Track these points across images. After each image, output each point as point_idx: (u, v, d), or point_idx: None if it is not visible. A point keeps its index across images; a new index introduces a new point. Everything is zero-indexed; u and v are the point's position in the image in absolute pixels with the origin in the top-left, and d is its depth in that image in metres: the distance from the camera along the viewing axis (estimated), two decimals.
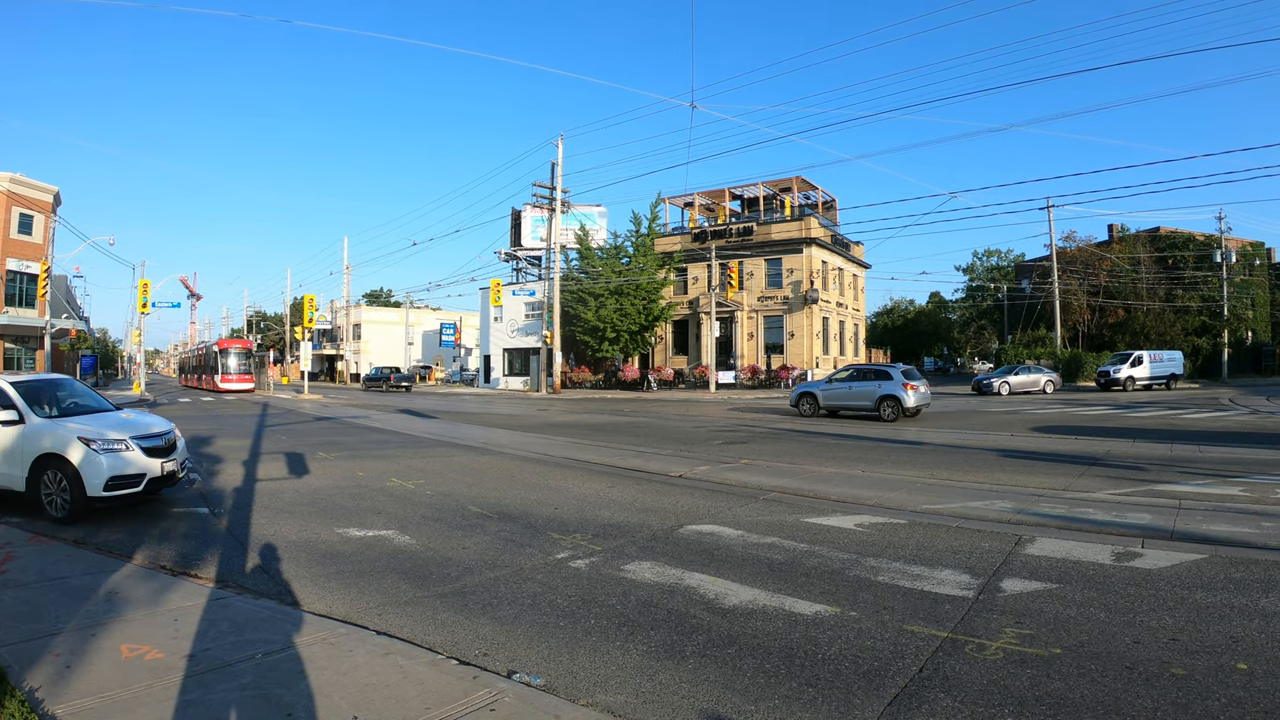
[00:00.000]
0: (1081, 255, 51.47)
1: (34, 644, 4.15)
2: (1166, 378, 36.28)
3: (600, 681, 3.89)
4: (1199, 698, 3.52)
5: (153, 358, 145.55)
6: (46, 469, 7.69)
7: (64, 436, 7.65)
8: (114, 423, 8.36)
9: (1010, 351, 47.26)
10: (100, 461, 7.53)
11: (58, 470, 7.62)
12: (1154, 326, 48.83)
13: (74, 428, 7.82)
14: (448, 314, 75.87)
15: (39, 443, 7.72)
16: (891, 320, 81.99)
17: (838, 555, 6.24)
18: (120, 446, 7.75)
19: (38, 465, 7.72)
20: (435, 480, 10.48)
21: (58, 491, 7.65)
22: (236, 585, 5.58)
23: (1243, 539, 6.52)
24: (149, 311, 38.15)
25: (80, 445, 7.54)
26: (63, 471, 7.57)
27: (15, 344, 38.08)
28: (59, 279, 45.20)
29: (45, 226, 39.04)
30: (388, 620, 4.83)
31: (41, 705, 3.37)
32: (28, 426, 7.89)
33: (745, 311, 44.40)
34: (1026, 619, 4.63)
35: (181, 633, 4.33)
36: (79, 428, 7.82)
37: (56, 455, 7.60)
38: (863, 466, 11.55)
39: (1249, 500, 8.32)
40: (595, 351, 42.99)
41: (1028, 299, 54.46)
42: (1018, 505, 8.23)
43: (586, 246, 44.33)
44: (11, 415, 7.92)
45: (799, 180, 49.35)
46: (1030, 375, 34.90)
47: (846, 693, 3.69)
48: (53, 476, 7.66)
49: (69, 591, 5.18)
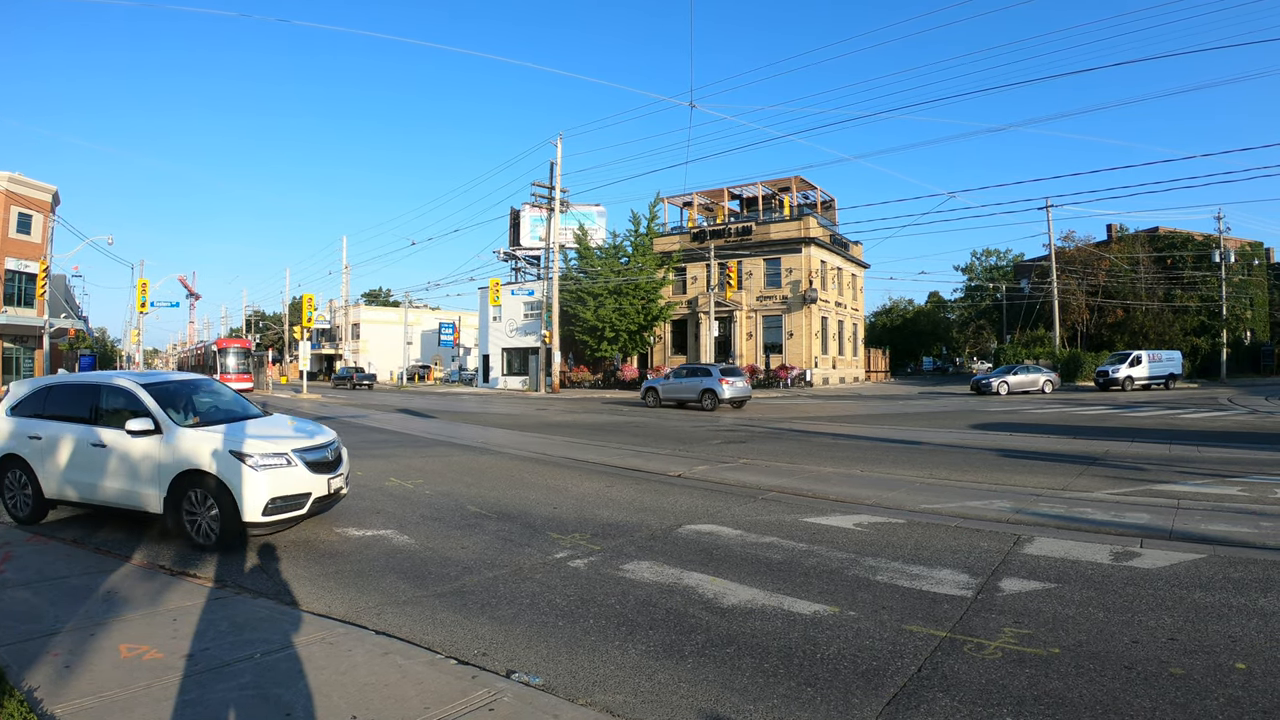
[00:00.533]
0: (1080, 255, 51.50)
1: (33, 644, 4.15)
2: (1165, 378, 36.33)
3: (599, 681, 3.89)
4: (1197, 697, 3.53)
5: (151, 357, 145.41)
6: (190, 488, 6.52)
7: (212, 449, 6.47)
8: (270, 432, 7.13)
9: (1009, 351, 47.29)
10: (259, 480, 6.32)
11: (204, 490, 6.46)
12: (1153, 326, 48.88)
13: (224, 438, 6.64)
14: (447, 314, 75.86)
15: (181, 457, 6.53)
16: (890, 320, 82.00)
17: (836, 555, 6.25)
18: (280, 461, 6.53)
19: (178, 483, 6.55)
20: (434, 480, 10.47)
21: (204, 515, 6.48)
22: (235, 585, 5.58)
23: (1241, 539, 6.52)
24: (148, 311, 38.16)
25: (233, 460, 6.37)
26: (210, 491, 6.41)
27: (14, 344, 38.03)
28: (58, 278, 45.14)
29: (44, 226, 38.99)
30: (386, 620, 4.83)
31: (41, 705, 3.37)
32: (166, 437, 6.66)
33: (744, 311, 44.40)
34: (1025, 619, 4.64)
35: (180, 632, 4.33)
36: (230, 439, 6.63)
37: (203, 472, 6.43)
38: (861, 466, 11.55)
39: (1247, 500, 8.33)
40: (594, 351, 42.98)
41: (1026, 299, 54.52)
42: (1016, 505, 8.24)
43: (585, 246, 44.31)
44: (145, 424, 6.67)
45: (798, 180, 49.38)
46: (1029, 375, 34.94)
47: (845, 692, 3.70)
48: (198, 497, 6.50)
49: (68, 591, 5.18)
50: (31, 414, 7.57)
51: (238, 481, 6.29)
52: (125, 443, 6.78)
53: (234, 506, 6.30)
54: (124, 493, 6.82)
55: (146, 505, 6.73)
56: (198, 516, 6.55)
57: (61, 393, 7.64)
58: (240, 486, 6.28)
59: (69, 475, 7.14)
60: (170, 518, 6.64)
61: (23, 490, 7.54)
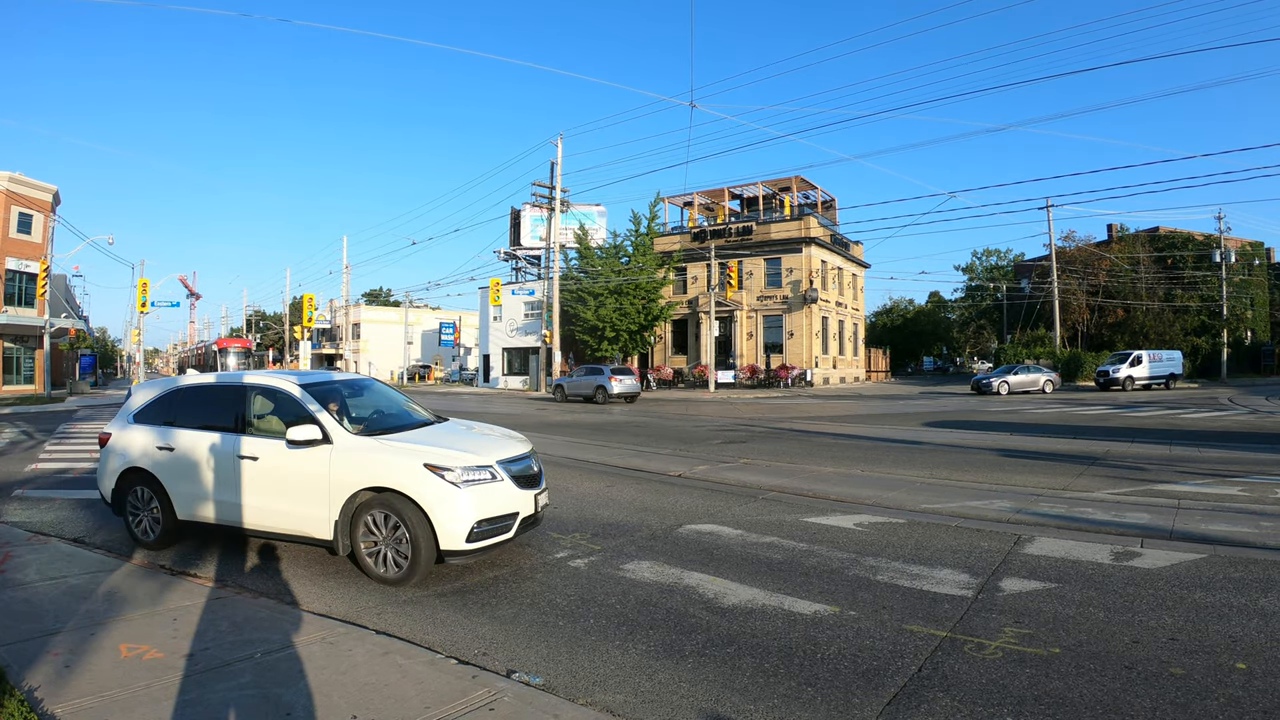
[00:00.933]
0: (1081, 255, 51.48)
1: (33, 643, 4.15)
2: (1165, 377, 36.32)
3: (599, 681, 3.89)
4: (1198, 697, 3.52)
5: (152, 357, 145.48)
6: (370, 510, 5.51)
7: (399, 462, 5.47)
8: (460, 441, 6.04)
9: (1009, 351, 47.26)
10: (462, 499, 5.33)
11: (389, 511, 5.43)
12: (1153, 326, 48.86)
13: (411, 448, 5.63)
14: (447, 313, 75.81)
15: (359, 472, 5.53)
16: (891, 320, 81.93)
17: (837, 555, 6.24)
18: (484, 475, 5.52)
19: (354, 504, 5.56)
20: None
21: (387, 542, 5.47)
22: (235, 585, 5.58)
23: (1242, 539, 6.52)
24: (148, 311, 38.15)
25: (429, 475, 5.35)
26: (399, 513, 5.39)
27: (14, 343, 38.05)
28: (58, 278, 45.15)
29: (44, 226, 39.00)
30: (387, 620, 4.83)
31: (41, 705, 3.37)
32: (338, 448, 5.65)
33: (744, 311, 44.39)
34: (1025, 618, 4.63)
35: (180, 632, 4.33)
36: (419, 448, 5.61)
37: (388, 490, 5.44)
38: (862, 466, 11.55)
39: (1248, 500, 8.33)
40: (594, 351, 42.96)
41: (1027, 299, 54.49)
42: (1017, 505, 8.24)
43: (586, 246, 44.30)
44: (310, 432, 5.65)
45: (798, 180, 49.36)
46: (1029, 375, 34.95)
47: (845, 692, 3.69)
48: (379, 521, 5.49)
49: (68, 591, 5.17)
50: (160, 421, 6.57)
51: (435, 501, 5.29)
52: (283, 455, 5.78)
53: (429, 531, 5.30)
54: (281, 514, 5.82)
55: (309, 530, 5.71)
56: (380, 544, 5.51)
57: (197, 396, 6.70)
58: (439, 507, 5.28)
59: (208, 493, 6.14)
60: (341, 544, 5.61)
61: (150, 511, 6.50)
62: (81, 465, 11.96)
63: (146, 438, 6.52)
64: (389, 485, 5.43)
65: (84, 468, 11.70)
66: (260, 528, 5.97)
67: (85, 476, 10.83)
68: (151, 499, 6.46)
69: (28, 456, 13.26)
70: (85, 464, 12.11)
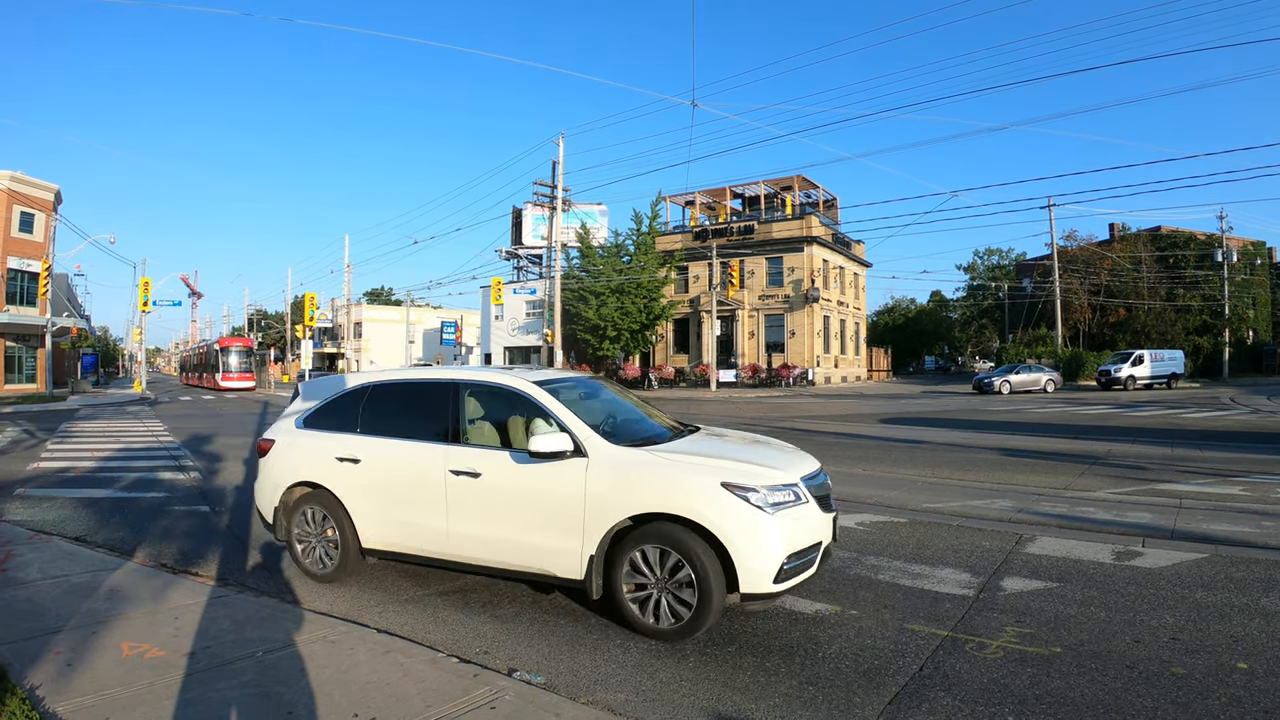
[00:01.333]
0: (1083, 254, 51.44)
1: (35, 642, 4.15)
2: (1167, 377, 36.29)
3: (601, 679, 3.89)
4: (1199, 697, 3.52)
5: (154, 356, 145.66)
6: (641, 543, 4.33)
7: (686, 481, 4.29)
8: (745, 453, 4.79)
9: (1011, 350, 47.24)
10: (770, 529, 4.15)
11: (668, 545, 4.25)
12: (1155, 326, 48.82)
13: (699, 461, 4.44)
14: (449, 312, 75.79)
15: (625, 494, 4.37)
16: (892, 319, 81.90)
17: (838, 553, 6.24)
18: (789, 497, 4.35)
19: (621, 536, 4.42)
20: None
21: (664, 585, 4.28)
22: (237, 583, 5.58)
23: (1243, 538, 6.52)
24: (150, 310, 38.18)
25: (727, 498, 4.17)
26: (680, 547, 4.20)
27: (16, 342, 38.10)
28: (60, 277, 45.25)
29: (46, 225, 39.04)
30: (388, 618, 4.83)
31: (42, 703, 3.37)
32: (596, 463, 4.51)
33: (746, 310, 44.39)
34: (1027, 618, 4.63)
35: (182, 631, 4.33)
36: (709, 461, 4.44)
37: (666, 517, 4.28)
38: (863, 465, 11.54)
39: (1250, 500, 8.32)
40: (596, 350, 42.99)
41: (1029, 298, 54.45)
42: (1018, 504, 8.23)
43: (587, 245, 44.32)
44: (559, 443, 4.49)
45: (800, 179, 49.35)
46: (1031, 374, 34.94)
47: (847, 691, 3.69)
48: (652, 558, 4.31)
49: (70, 589, 5.18)
50: (341, 426, 5.54)
51: (737, 531, 4.11)
52: (515, 471, 4.71)
53: (722, 570, 4.15)
54: (510, 546, 4.71)
55: (550, 566, 4.59)
56: (651, 588, 4.31)
57: (391, 396, 5.56)
58: (741, 539, 4.10)
59: (408, 518, 5.09)
60: (595, 586, 4.44)
61: (324, 536, 5.47)
62: (83, 464, 11.97)
63: (323, 446, 5.50)
64: (670, 510, 4.24)
65: (85, 466, 11.72)
66: (479, 561, 4.89)
67: (87, 475, 10.85)
68: (326, 521, 5.44)
69: (30, 455, 13.28)
70: (87, 463, 12.13)
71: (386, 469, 5.22)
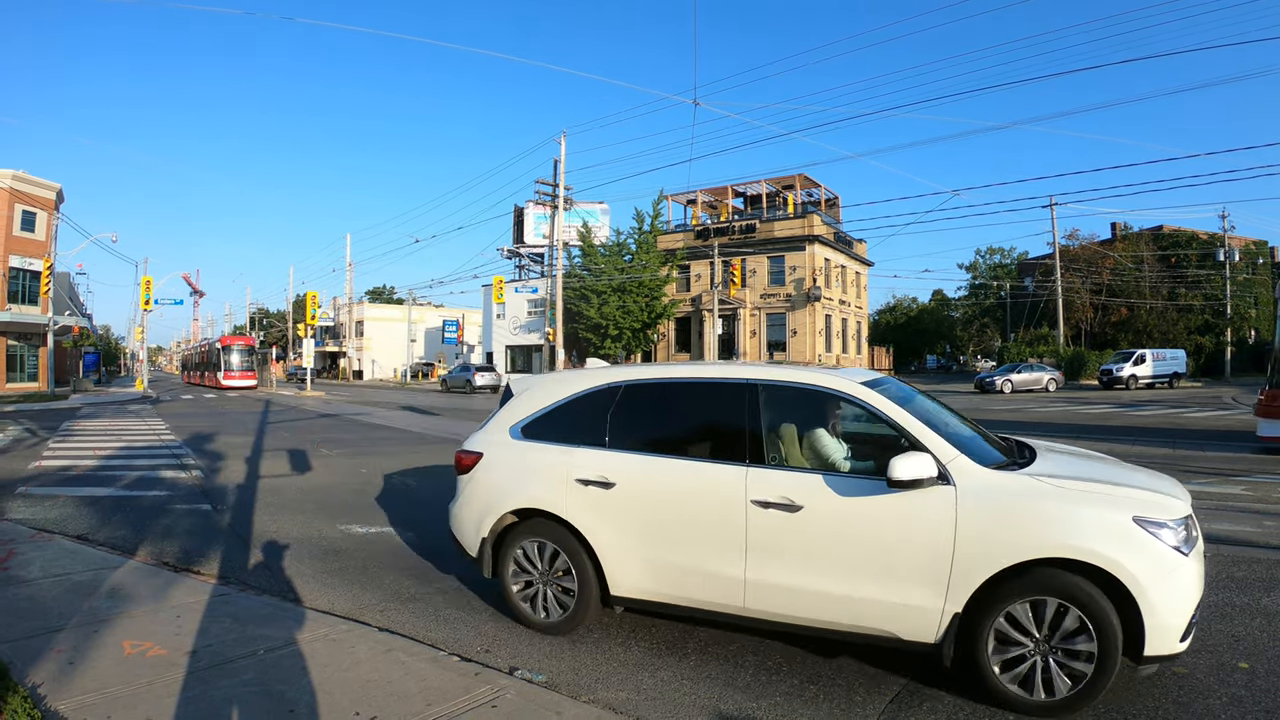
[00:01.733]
0: (1084, 253, 51.39)
1: (36, 640, 4.16)
2: (1169, 376, 36.22)
3: (602, 678, 3.89)
4: (1200, 696, 3.52)
5: (155, 355, 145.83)
6: (1022, 597, 3.38)
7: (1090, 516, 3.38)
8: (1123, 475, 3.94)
9: (1013, 350, 47.18)
10: (1187, 574, 3.35)
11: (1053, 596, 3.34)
12: (1157, 325, 48.76)
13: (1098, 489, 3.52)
14: (450, 311, 75.83)
15: (1010, 533, 3.41)
16: (894, 318, 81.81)
17: None
18: (1194, 532, 3.56)
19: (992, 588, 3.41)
20: (437, 476, 10.48)
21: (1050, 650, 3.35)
22: (239, 582, 5.59)
23: (1245, 538, 6.51)
24: (151, 308, 38.19)
25: (1139, 537, 3.32)
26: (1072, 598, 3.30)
27: (18, 341, 38.16)
28: (62, 276, 45.31)
29: (48, 223, 39.09)
30: (390, 617, 4.83)
31: (44, 701, 3.38)
32: (967, 492, 3.53)
33: (748, 309, 44.39)
34: None
35: (184, 629, 4.34)
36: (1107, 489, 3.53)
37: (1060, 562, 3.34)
38: None
39: (1251, 499, 8.31)
40: (598, 349, 43.00)
41: (1030, 297, 54.39)
42: None
43: (589, 243, 44.33)
44: (920, 467, 3.51)
45: (802, 178, 49.33)
46: (1033, 373, 34.92)
47: (848, 690, 3.69)
48: (1034, 614, 3.37)
49: (71, 588, 5.18)
50: (580, 438, 4.47)
51: (1150, 578, 3.25)
52: (847, 504, 3.72)
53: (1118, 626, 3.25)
54: (841, 602, 3.70)
55: (896, 627, 3.60)
56: (1032, 654, 3.38)
57: (654, 399, 4.48)
58: (1154, 587, 3.24)
59: (684, 560, 4.06)
60: (951, 651, 3.49)
61: (555, 578, 4.46)
62: (85, 463, 11.99)
63: (555, 463, 4.45)
64: (1069, 554, 3.30)
65: (87, 465, 11.74)
66: (787, 619, 3.88)
67: (89, 474, 10.86)
68: (557, 558, 4.42)
69: (31, 454, 13.29)
70: (88, 461, 12.14)
71: (653, 497, 4.15)
